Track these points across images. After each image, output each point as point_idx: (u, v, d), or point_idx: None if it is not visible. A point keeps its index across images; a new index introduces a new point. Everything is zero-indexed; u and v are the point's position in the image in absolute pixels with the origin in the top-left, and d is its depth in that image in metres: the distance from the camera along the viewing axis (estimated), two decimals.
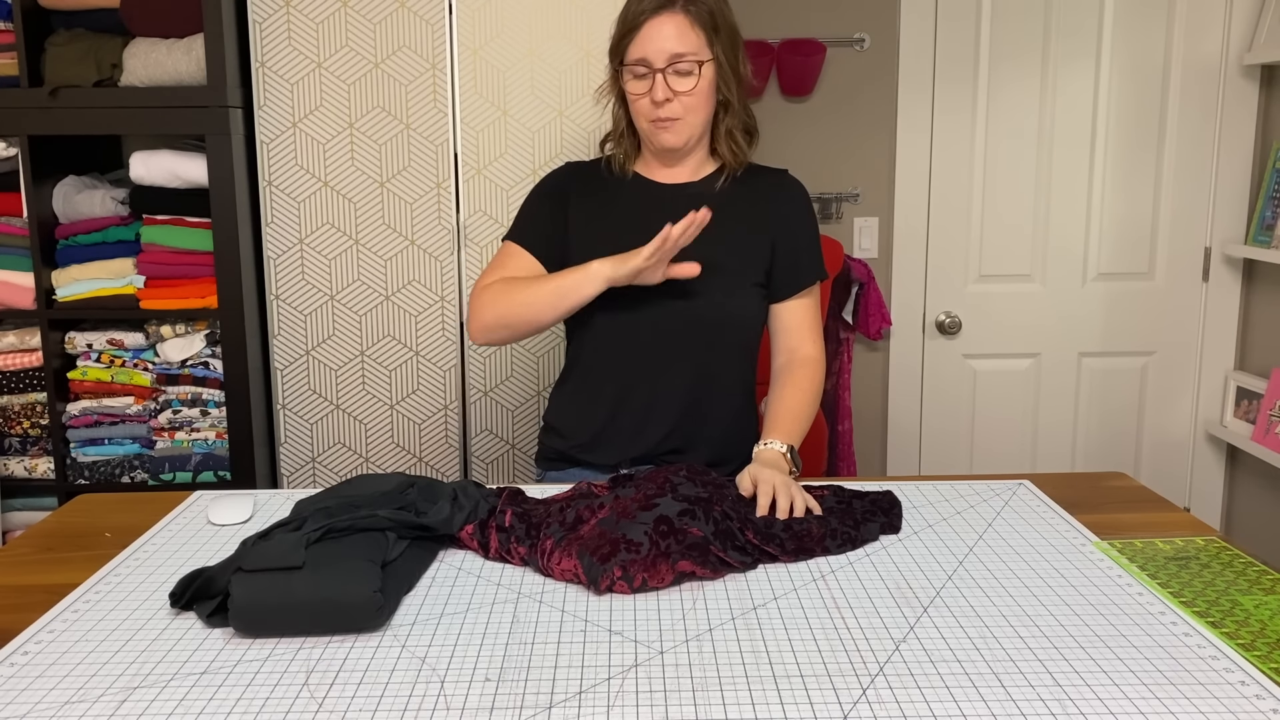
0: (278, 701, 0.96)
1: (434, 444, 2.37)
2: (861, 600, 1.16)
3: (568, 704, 0.95)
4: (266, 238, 2.29)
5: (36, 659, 1.05)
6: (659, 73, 1.54)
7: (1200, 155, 2.82)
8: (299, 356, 2.33)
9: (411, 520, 1.25)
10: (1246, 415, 2.78)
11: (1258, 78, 2.76)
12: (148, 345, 2.32)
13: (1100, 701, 0.95)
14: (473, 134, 2.26)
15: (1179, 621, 1.11)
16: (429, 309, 2.32)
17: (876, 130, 2.85)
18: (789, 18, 2.77)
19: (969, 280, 2.90)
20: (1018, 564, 1.26)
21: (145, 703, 0.96)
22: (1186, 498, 2.97)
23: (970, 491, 1.51)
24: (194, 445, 2.34)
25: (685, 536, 1.23)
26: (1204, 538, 1.34)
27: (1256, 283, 2.82)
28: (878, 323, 2.81)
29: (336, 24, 2.22)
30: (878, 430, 2.98)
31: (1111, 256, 2.88)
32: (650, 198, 1.66)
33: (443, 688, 0.98)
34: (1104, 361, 2.94)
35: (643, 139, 1.66)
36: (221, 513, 1.43)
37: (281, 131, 2.25)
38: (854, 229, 2.88)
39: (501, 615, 1.13)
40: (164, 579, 1.23)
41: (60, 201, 2.30)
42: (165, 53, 2.21)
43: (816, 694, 0.97)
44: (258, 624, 1.08)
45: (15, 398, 2.35)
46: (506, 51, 2.24)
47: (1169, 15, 2.77)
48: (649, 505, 1.27)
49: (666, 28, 1.54)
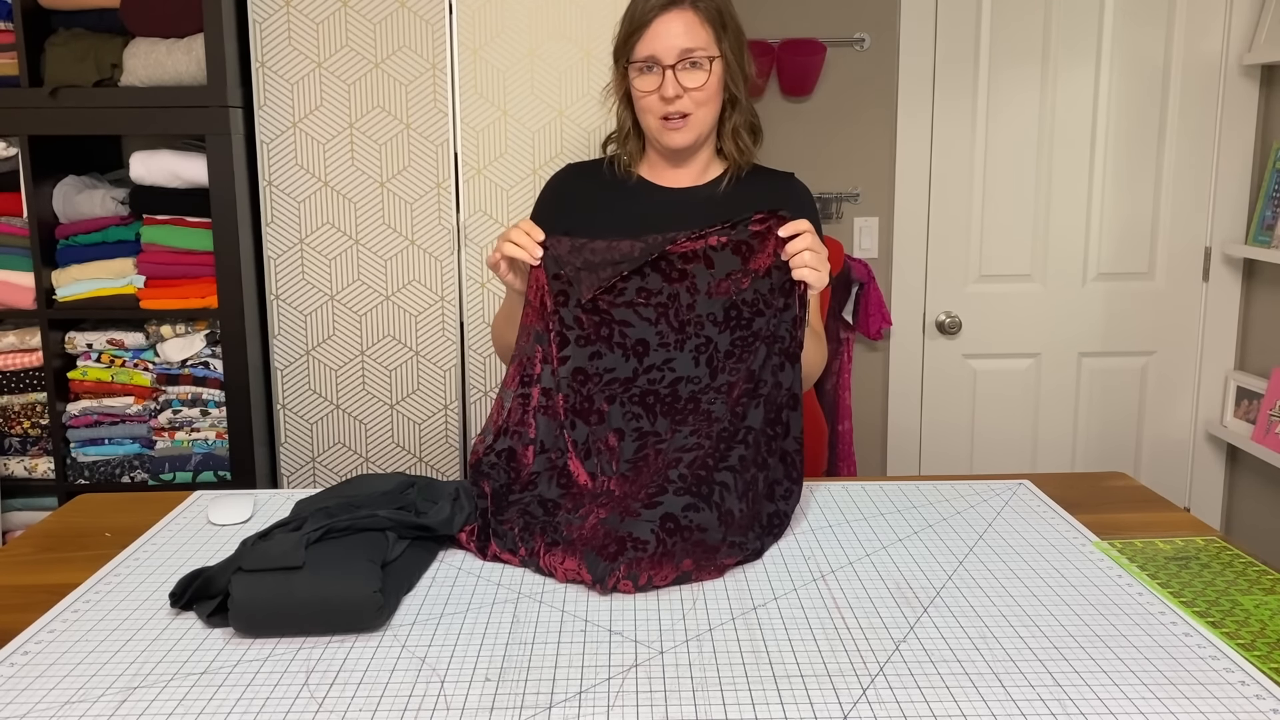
0: (278, 701, 0.96)
1: (434, 444, 2.37)
2: (861, 600, 1.16)
3: (568, 704, 0.95)
4: (266, 238, 2.29)
5: (36, 659, 1.05)
6: (669, 69, 1.54)
7: (1200, 155, 2.82)
8: (299, 356, 2.33)
9: (411, 520, 1.25)
10: (1246, 415, 2.78)
11: (1258, 78, 2.76)
12: (148, 345, 2.32)
13: (1100, 701, 0.95)
14: (473, 134, 2.26)
15: (1179, 621, 1.11)
16: (429, 309, 2.32)
17: (876, 130, 2.85)
18: (789, 18, 2.77)
19: (969, 280, 2.90)
20: (1018, 564, 1.26)
21: (145, 703, 0.96)
22: (1186, 498, 2.97)
23: (970, 491, 1.51)
24: (194, 445, 2.34)
25: (692, 534, 1.23)
26: (1204, 538, 1.34)
27: (1256, 283, 2.82)
28: (878, 323, 2.81)
29: (336, 24, 2.22)
30: (878, 430, 2.98)
31: (1111, 256, 2.88)
32: (656, 202, 1.66)
33: (443, 688, 0.98)
34: (1104, 361, 2.94)
35: (649, 139, 1.65)
36: (221, 513, 1.43)
37: (281, 131, 2.25)
38: (854, 229, 2.88)
39: (501, 615, 1.13)
40: (164, 579, 1.23)
41: (60, 201, 2.30)
42: (165, 53, 2.21)
43: (816, 694, 0.97)
44: (258, 624, 1.08)
45: (15, 398, 2.35)
46: (506, 51, 2.24)
47: (1169, 15, 2.77)
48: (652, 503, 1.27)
49: (676, 24, 1.54)
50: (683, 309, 1.43)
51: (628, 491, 1.34)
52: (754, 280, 1.41)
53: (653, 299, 1.43)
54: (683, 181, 1.67)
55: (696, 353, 1.43)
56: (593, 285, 1.43)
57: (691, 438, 1.37)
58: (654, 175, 1.68)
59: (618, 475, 1.39)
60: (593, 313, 1.44)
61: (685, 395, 1.42)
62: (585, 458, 1.42)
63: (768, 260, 1.41)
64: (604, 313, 1.44)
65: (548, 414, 1.43)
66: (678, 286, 1.43)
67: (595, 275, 1.43)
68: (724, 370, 1.41)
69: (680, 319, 1.43)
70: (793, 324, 1.40)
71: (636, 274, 1.43)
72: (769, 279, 1.41)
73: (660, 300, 1.43)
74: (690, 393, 1.42)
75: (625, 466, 1.40)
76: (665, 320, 1.44)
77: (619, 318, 1.44)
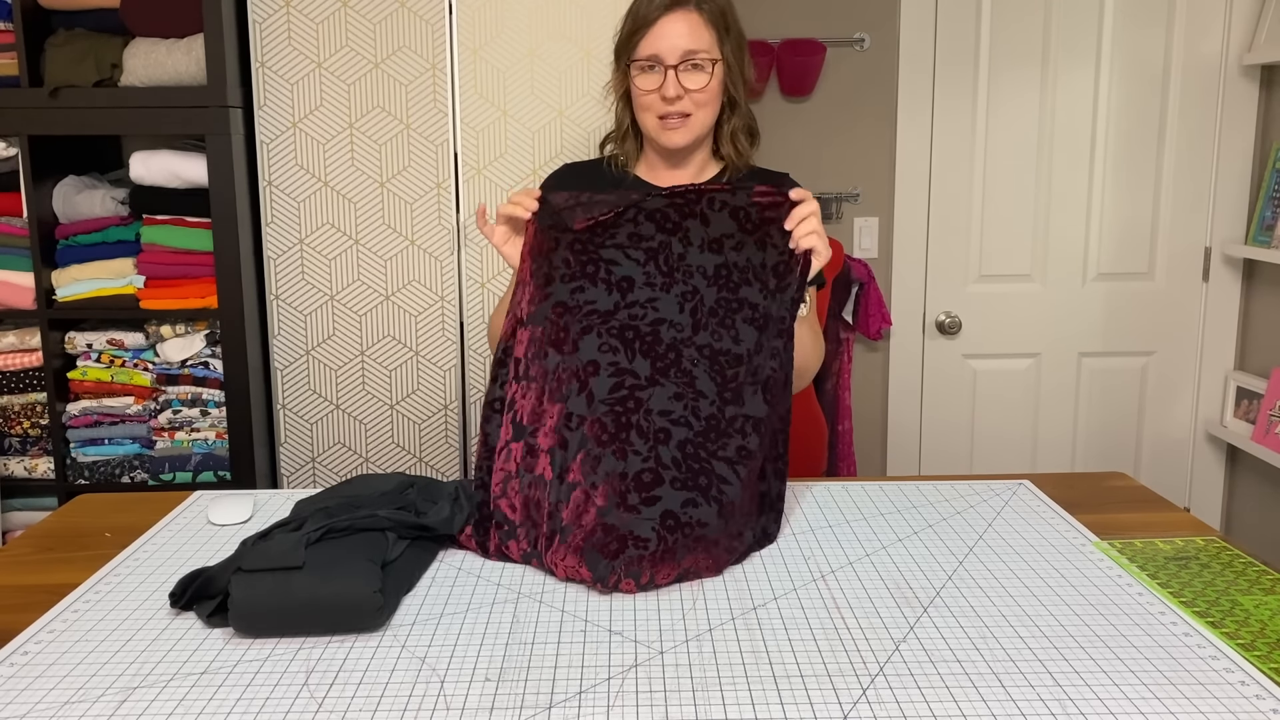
0: (278, 701, 0.96)
1: (434, 444, 2.37)
2: (861, 600, 1.16)
3: (568, 704, 0.95)
4: (266, 238, 2.29)
5: (36, 659, 1.05)
6: (671, 69, 1.55)
7: (1200, 155, 2.82)
8: (299, 356, 2.33)
9: (411, 520, 1.25)
10: (1246, 415, 2.78)
11: (1258, 78, 2.76)
12: (148, 345, 2.32)
13: (1100, 701, 0.95)
14: (473, 134, 2.26)
15: (1179, 621, 1.11)
16: (429, 309, 2.32)
17: (876, 130, 2.85)
18: (789, 18, 2.77)
19: (969, 280, 2.90)
20: (1018, 564, 1.26)
21: (145, 703, 0.96)
22: (1186, 498, 2.97)
23: (970, 491, 1.51)
24: (194, 445, 2.34)
25: (693, 530, 1.23)
26: (1204, 538, 1.34)
27: (1256, 283, 2.82)
28: (878, 323, 2.81)
29: (336, 24, 2.22)
30: (878, 430, 2.98)
31: (1111, 256, 2.88)
32: None
33: (443, 688, 0.98)
34: (1104, 361, 2.94)
35: (647, 139, 1.66)
36: (221, 513, 1.43)
37: (281, 131, 2.25)
38: (854, 229, 2.88)
39: (501, 615, 1.13)
40: (164, 579, 1.23)
41: (60, 201, 2.30)
42: (165, 53, 2.21)
43: (816, 694, 0.97)
44: (258, 624, 1.08)
45: (15, 398, 2.35)
46: (506, 51, 2.24)
47: (1169, 15, 2.77)
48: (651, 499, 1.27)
49: (680, 25, 1.55)
50: (673, 257, 1.41)
51: (606, 438, 1.31)
52: (747, 248, 1.40)
53: (643, 243, 1.42)
54: (679, 182, 1.67)
55: (682, 299, 1.40)
56: (585, 218, 1.41)
57: (676, 403, 1.34)
58: (651, 175, 1.69)
59: (593, 417, 1.33)
60: (580, 251, 1.42)
61: (666, 340, 1.38)
62: (565, 434, 1.37)
63: (764, 233, 1.39)
64: (592, 252, 1.42)
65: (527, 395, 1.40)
66: (670, 237, 1.41)
67: (588, 209, 1.41)
68: (705, 328, 1.39)
69: (669, 265, 1.41)
70: (791, 303, 1.39)
71: (630, 220, 1.41)
72: (763, 253, 1.39)
73: (651, 245, 1.42)
74: (672, 339, 1.38)
75: (602, 408, 1.34)
76: (654, 264, 1.41)
77: (606, 257, 1.42)
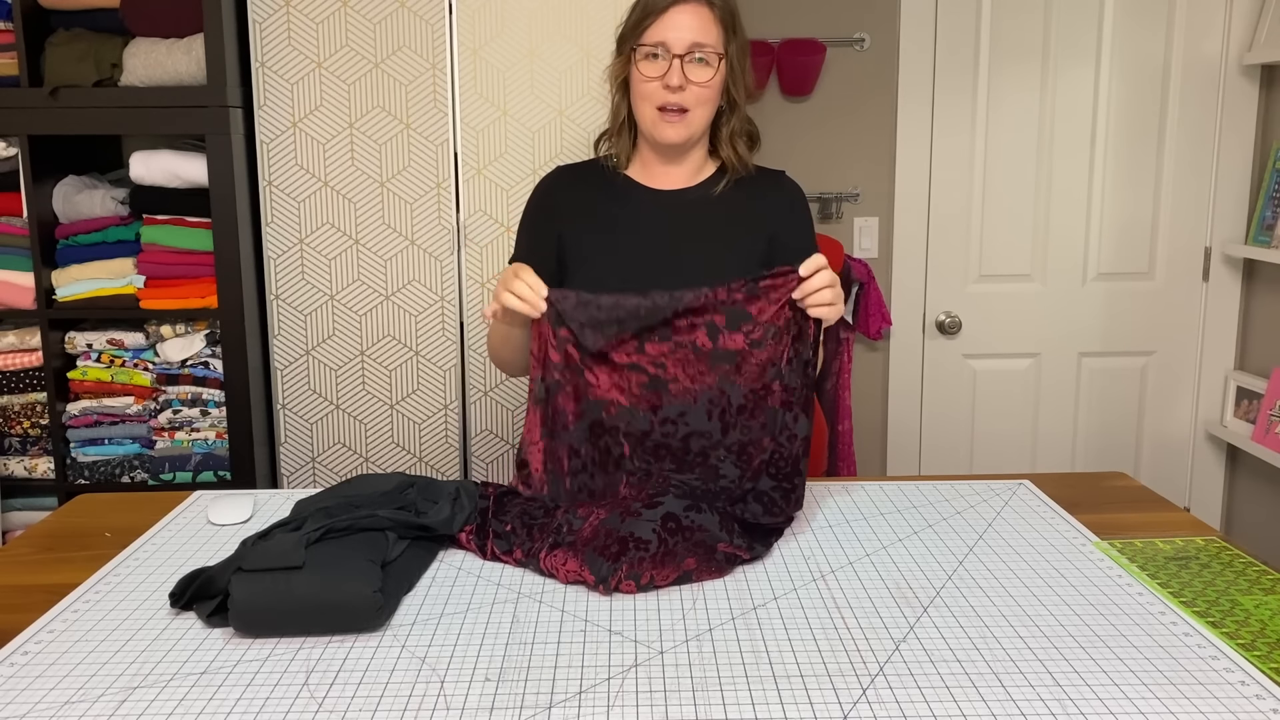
0: (278, 701, 0.96)
1: (434, 444, 2.37)
2: (861, 600, 1.16)
3: (568, 704, 0.95)
4: (266, 238, 2.29)
5: (36, 659, 1.05)
6: (677, 58, 1.54)
7: (1200, 155, 2.82)
8: (299, 356, 2.33)
9: (411, 520, 1.25)
10: (1246, 415, 2.78)
11: (1258, 78, 2.76)
12: (148, 345, 2.32)
13: (1100, 701, 0.95)
14: (473, 134, 2.26)
15: (1179, 621, 1.11)
16: (429, 309, 2.32)
17: (876, 130, 2.85)
18: (789, 18, 2.77)
19: (969, 280, 2.90)
20: (1018, 564, 1.26)
21: (145, 703, 0.96)
22: (1186, 498, 2.97)
23: (970, 491, 1.51)
24: (194, 445, 2.34)
25: (693, 534, 1.23)
26: (1204, 538, 1.34)
27: (1256, 283, 2.82)
28: (878, 323, 2.81)
29: (336, 24, 2.22)
30: (878, 430, 2.98)
31: (1111, 256, 2.88)
32: (648, 205, 1.65)
33: (443, 688, 0.98)
34: (1104, 361, 2.94)
35: (643, 133, 1.63)
36: (221, 513, 1.43)
37: (281, 131, 2.25)
38: (854, 229, 2.88)
39: (501, 615, 1.14)
40: (164, 579, 1.23)
41: (60, 201, 2.30)
42: (165, 53, 2.21)
43: (816, 694, 0.97)
44: (258, 624, 1.08)
45: (15, 398, 2.35)
46: (506, 51, 2.24)
47: (1169, 15, 2.77)
48: (653, 503, 1.27)
49: (691, 17, 1.54)
50: (692, 361, 1.40)
51: (629, 494, 1.34)
52: (765, 331, 1.40)
53: (663, 353, 1.41)
54: (675, 182, 1.65)
55: (710, 405, 1.40)
56: (598, 342, 1.40)
57: (696, 481, 1.39)
58: (646, 176, 1.66)
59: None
60: (604, 363, 1.41)
61: (695, 450, 1.40)
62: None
63: (779, 310, 1.39)
64: (616, 366, 1.41)
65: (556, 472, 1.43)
66: (687, 339, 1.40)
67: (600, 333, 1.40)
68: (735, 427, 1.40)
69: (692, 370, 1.40)
70: (804, 369, 1.39)
71: (648, 329, 1.41)
72: (777, 325, 1.40)
73: (670, 354, 1.41)
74: (701, 447, 1.40)
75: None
76: (680, 369, 1.41)
77: (632, 370, 1.41)
